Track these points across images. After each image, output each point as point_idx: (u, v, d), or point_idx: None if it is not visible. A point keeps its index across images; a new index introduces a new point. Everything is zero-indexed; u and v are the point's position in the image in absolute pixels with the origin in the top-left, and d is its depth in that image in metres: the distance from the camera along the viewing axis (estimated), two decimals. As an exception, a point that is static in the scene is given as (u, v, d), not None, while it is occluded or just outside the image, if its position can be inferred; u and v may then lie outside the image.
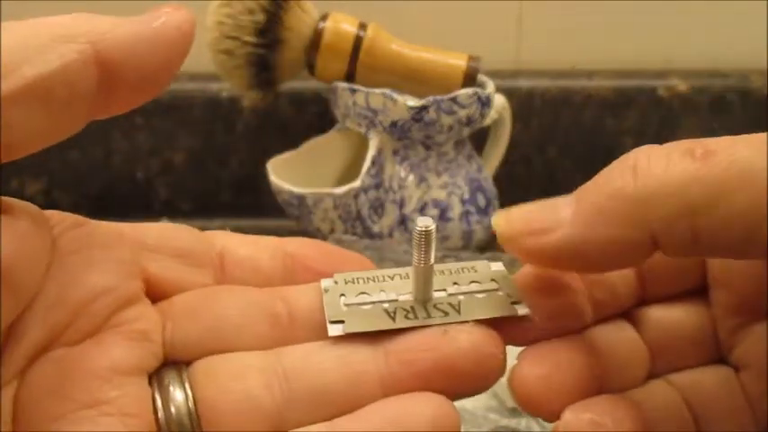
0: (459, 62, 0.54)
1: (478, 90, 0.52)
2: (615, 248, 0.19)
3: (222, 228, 0.23)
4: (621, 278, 0.22)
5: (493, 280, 0.22)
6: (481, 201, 0.54)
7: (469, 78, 0.53)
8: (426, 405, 0.19)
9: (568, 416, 0.20)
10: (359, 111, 0.52)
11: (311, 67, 0.53)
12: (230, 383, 0.20)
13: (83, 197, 0.65)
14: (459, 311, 0.21)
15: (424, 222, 0.21)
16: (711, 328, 0.23)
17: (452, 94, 0.51)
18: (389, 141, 0.52)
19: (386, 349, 0.20)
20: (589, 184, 0.19)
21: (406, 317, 0.21)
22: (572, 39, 0.67)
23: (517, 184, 0.64)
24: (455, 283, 0.22)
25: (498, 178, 0.58)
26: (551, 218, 0.19)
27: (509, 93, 0.58)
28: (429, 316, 0.21)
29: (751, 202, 0.17)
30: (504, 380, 0.43)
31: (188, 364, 0.20)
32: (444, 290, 0.21)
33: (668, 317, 0.23)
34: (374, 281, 0.22)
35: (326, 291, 0.21)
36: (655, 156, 0.19)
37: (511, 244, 0.20)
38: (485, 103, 0.52)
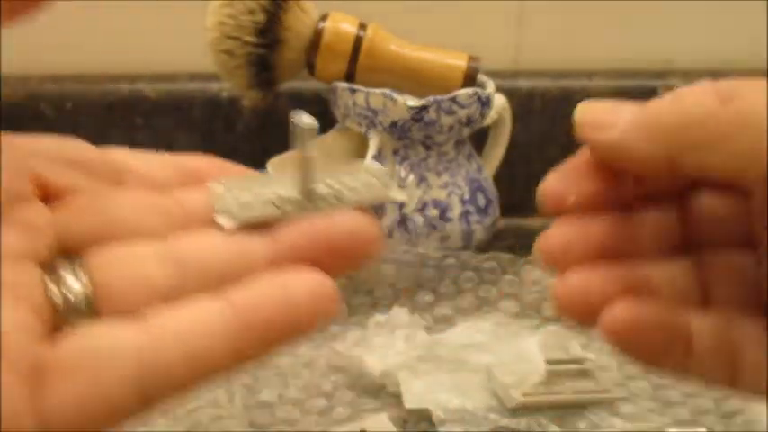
0: (459, 62, 0.54)
1: (478, 90, 0.52)
2: (644, 161, 0.22)
3: None
4: None
5: (370, 174, 0.24)
6: (481, 201, 0.54)
7: (469, 78, 0.53)
8: (307, 279, 0.21)
9: (567, 277, 0.23)
10: (359, 111, 0.52)
11: (311, 68, 0.53)
12: (124, 265, 0.21)
13: (83, 197, 0.65)
14: (340, 200, 0.23)
15: (302, 118, 0.23)
16: (749, 220, 0.24)
17: (452, 94, 0.51)
18: (389, 141, 0.52)
19: (271, 233, 0.22)
20: (653, 103, 0.23)
21: (292, 207, 0.22)
22: (572, 39, 0.67)
23: (517, 184, 0.64)
24: (336, 180, 0.24)
25: (498, 178, 0.58)
26: (613, 119, 0.23)
27: (509, 93, 0.58)
28: (313, 205, 0.23)
29: (749, 144, 0.20)
30: (503, 380, 0.43)
31: (82, 255, 0.21)
32: (326, 184, 0.23)
33: (710, 203, 0.25)
34: (262, 183, 0.24)
35: (215, 191, 0.23)
36: (694, 93, 0.22)
37: (579, 130, 0.24)
38: (485, 103, 0.52)
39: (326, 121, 0.57)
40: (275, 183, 0.23)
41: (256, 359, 0.20)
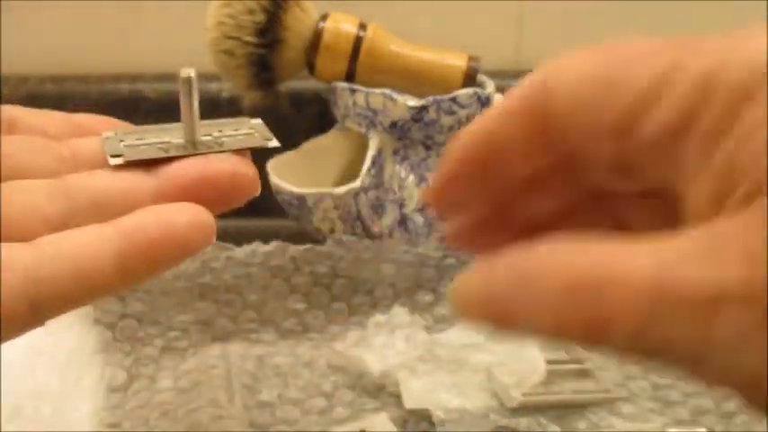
0: (459, 62, 0.54)
1: (478, 90, 0.52)
2: None
3: (222, 227, 0.24)
4: None
5: (251, 128, 0.27)
6: (481, 201, 0.54)
7: (469, 78, 0.53)
8: (185, 211, 0.22)
9: None
10: (359, 111, 0.52)
11: (311, 67, 0.53)
12: (14, 196, 0.22)
13: (83, 197, 0.65)
14: (221, 146, 0.25)
15: (186, 71, 0.26)
16: None
17: (452, 95, 0.51)
18: (389, 141, 0.52)
19: (157, 172, 0.24)
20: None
21: (177, 150, 0.25)
22: (572, 39, 0.67)
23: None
24: (220, 131, 0.26)
25: (498, 178, 0.58)
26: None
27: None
28: (196, 149, 0.25)
29: None
30: (503, 381, 0.43)
31: None
32: (210, 135, 0.26)
33: None
34: (150, 132, 0.26)
35: (107, 138, 0.25)
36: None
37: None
38: (485, 103, 0.52)
39: (326, 121, 0.57)
40: (164, 132, 0.26)
41: (141, 278, 0.22)
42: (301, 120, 0.63)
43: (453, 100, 0.51)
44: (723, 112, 0.15)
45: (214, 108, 0.63)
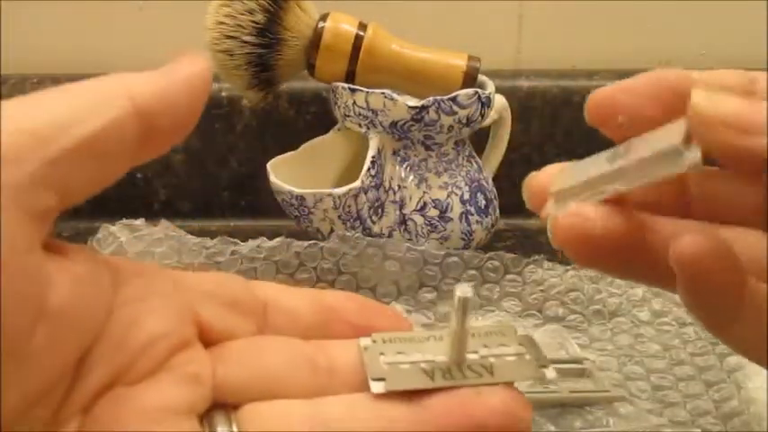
0: (459, 62, 0.54)
1: (479, 90, 0.52)
2: None
3: (223, 227, 0.24)
4: None
5: (520, 344, 0.23)
6: (481, 201, 0.54)
7: (469, 78, 0.53)
8: None
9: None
10: (359, 111, 0.52)
11: (311, 68, 0.53)
12: (275, 426, 0.21)
13: (83, 197, 0.65)
14: (491, 373, 0.22)
15: (464, 290, 0.22)
16: None
17: (452, 95, 0.51)
18: (389, 141, 0.52)
19: (422, 406, 0.21)
20: None
21: (444, 377, 0.22)
22: (572, 39, 0.67)
23: (517, 184, 0.64)
24: (485, 346, 0.23)
25: (498, 178, 0.58)
26: (755, 119, 0.20)
27: (509, 93, 0.58)
28: (464, 377, 0.22)
29: None
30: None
31: (236, 407, 0.21)
32: (476, 352, 0.23)
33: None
34: (410, 341, 0.23)
35: (366, 349, 0.23)
36: None
37: (709, 127, 0.20)
38: (485, 103, 0.52)
39: (326, 121, 0.57)
40: (426, 346, 0.23)
41: None
42: (301, 120, 0.63)
43: (453, 100, 0.51)
44: None
45: (214, 108, 0.63)
